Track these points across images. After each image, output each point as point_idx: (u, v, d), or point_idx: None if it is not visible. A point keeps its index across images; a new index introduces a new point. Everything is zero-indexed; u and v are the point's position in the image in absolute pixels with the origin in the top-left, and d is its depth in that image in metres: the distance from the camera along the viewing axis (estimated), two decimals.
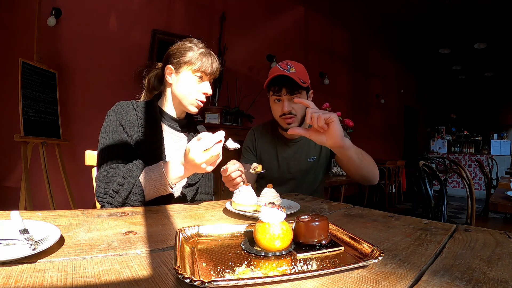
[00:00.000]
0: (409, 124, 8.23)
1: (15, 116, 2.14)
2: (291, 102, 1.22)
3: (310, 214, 0.60)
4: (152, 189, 0.87)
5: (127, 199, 0.86)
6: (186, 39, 1.09)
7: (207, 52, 1.05)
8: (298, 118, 1.24)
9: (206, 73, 1.03)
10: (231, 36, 3.80)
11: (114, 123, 0.98)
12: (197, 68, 1.02)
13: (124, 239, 0.56)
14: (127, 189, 0.85)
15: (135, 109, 1.03)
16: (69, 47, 2.74)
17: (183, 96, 1.04)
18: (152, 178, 0.86)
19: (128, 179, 0.86)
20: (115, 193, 0.86)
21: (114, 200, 0.86)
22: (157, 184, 0.86)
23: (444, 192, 1.81)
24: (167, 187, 0.87)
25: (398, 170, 4.52)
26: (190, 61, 1.02)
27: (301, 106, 1.24)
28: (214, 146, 0.79)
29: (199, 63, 1.01)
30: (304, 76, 1.23)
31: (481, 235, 0.68)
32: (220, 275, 0.44)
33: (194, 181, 1.08)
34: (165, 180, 0.86)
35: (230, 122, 3.62)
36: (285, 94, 1.21)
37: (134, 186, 0.85)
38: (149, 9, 3.21)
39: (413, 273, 0.47)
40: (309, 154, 1.34)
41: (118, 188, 0.86)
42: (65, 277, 0.40)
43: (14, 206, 2.15)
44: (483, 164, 3.61)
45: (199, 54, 1.02)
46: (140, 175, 0.87)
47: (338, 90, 5.37)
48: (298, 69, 1.22)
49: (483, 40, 6.19)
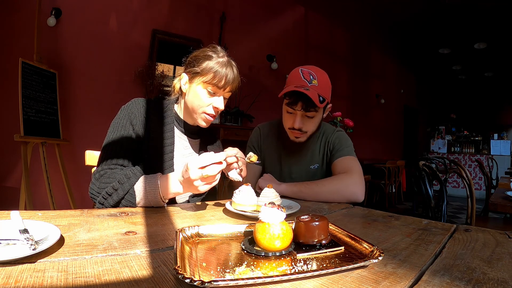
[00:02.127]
0: (409, 124, 8.23)
1: (15, 116, 2.14)
2: (304, 118, 1.15)
3: (310, 214, 0.60)
4: (143, 199, 0.85)
5: (119, 203, 0.85)
6: (209, 45, 1.01)
7: (225, 62, 0.96)
8: (307, 134, 1.19)
9: (218, 86, 0.95)
10: (231, 36, 3.80)
11: (124, 121, 0.96)
12: (208, 81, 0.95)
13: (124, 239, 0.56)
14: (120, 195, 0.84)
15: (151, 110, 1.00)
16: (69, 47, 2.74)
17: (192, 108, 1.00)
18: (146, 189, 0.84)
19: (123, 185, 0.84)
20: (107, 195, 0.85)
21: (106, 202, 0.85)
22: (149, 196, 0.84)
23: (444, 192, 1.81)
24: (159, 200, 0.84)
25: (398, 170, 4.52)
26: (202, 72, 0.95)
27: (314, 123, 1.17)
28: (211, 165, 0.76)
29: (211, 74, 0.94)
30: (325, 90, 1.13)
31: (481, 235, 0.68)
32: (220, 275, 0.44)
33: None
34: (158, 194, 0.83)
35: (230, 122, 3.62)
36: (300, 110, 1.12)
37: (127, 193, 0.84)
38: (149, 9, 3.21)
39: (413, 273, 0.47)
40: (313, 161, 1.29)
41: (111, 191, 0.84)
42: (65, 277, 0.40)
43: (14, 206, 2.15)
44: (483, 164, 3.61)
45: (214, 64, 0.95)
46: (136, 183, 0.85)
47: (338, 90, 5.37)
48: (321, 81, 1.12)
49: (483, 40, 6.18)
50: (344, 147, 1.23)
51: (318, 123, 1.19)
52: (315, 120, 1.17)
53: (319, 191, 1.09)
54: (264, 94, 3.85)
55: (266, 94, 3.86)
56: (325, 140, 1.28)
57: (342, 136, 1.27)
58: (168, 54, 3.29)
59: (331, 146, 1.26)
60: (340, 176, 1.14)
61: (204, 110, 0.98)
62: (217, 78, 0.94)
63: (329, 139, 1.27)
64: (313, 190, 1.09)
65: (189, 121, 1.06)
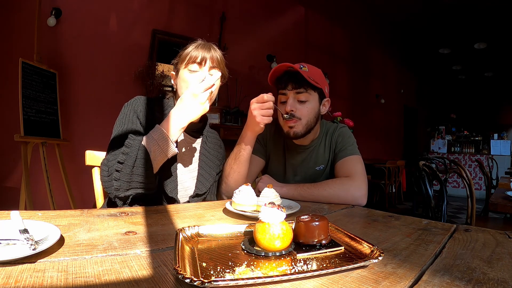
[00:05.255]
0: (409, 124, 8.23)
1: (15, 116, 2.14)
2: (296, 102, 1.11)
3: (310, 214, 0.60)
4: (157, 150, 0.85)
5: (134, 167, 0.83)
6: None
7: (201, 44, 1.01)
8: (302, 123, 1.12)
9: (197, 62, 0.97)
10: (231, 36, 3.80)
11: (130, 115, 0.96)
12: (187, 61, 0.97)
13: (124, 239, 0.56)
14: (132, 156, 0.83)
15: (153, 106, 1.01)
16: (69, 47, 2.74)
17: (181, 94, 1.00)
18: (154, 137, 0.86)
19: (131, 146, 0.84)
20: (120, 165, 0.83)
21: (121, 175, 0.83)
22: (160, 142, 0.85)
23: (444, 192, 1.81)
24: (170, 144, 0.86)
25: (398, 170, 4.53)
26: (181, 57, 0.99)
27: (307, 109, 1.11)
28: (209, 79, 0.87)
29: (188, 55, 0.97)
30: (317, 77, 1.11)
31: (481, 235, 0.68)
32: (220, 275, 0.44)
33: (202, 192, 1.06)
34: (167, 137, 0.86)
35: (230, 122, 3.62)
36: (291, 90, 1.10)
37: (139, 150, 0.84)
38: (149, 9, 3.21)
39: (413, 273, 0.47)
40: (318, 163, 1.25)
41: (123, 158, 0.83)
42: (65, 277, 0.40)
43: (14, 206, 2.15)
44: (483, 164, 3.61)
45: (191, 47, 0.98)
46: (142, 140, 0.86)
47: (338, 90, 5.37)
48: (311, 69, 1.12)
49: (483, 40, 6.19)
50: (347, 146, 1.19)
51: (312, 110, 1.13)
52: (308, 105, 1.12)
53: (319, 195, 1.06)
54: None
55: None
56: (329, 139, 1.25)
57: (345, 133, 1.24)
58: (168, 54, 3.28)
59: (334, 145, 1.23)
60: (342, 179, 1.11)
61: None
62: (194, 55, 0.97)
63: (332, 137, 1.24)
64: (313, 194, 1.07)
65: None
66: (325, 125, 1.29)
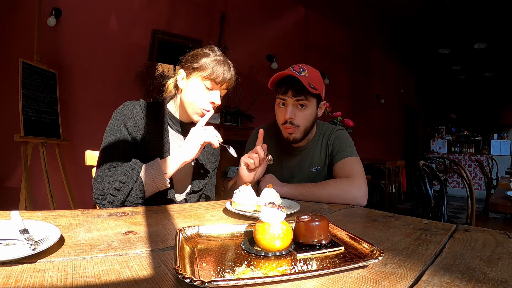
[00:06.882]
0: (409, 124, 8.23)
1: (15, 116, 2.14)
2: (295, 108, 1.13)
3: (310, 214, 0.60)
4: (152, 184, 0.89)
5: (128, 196, 0.87)
6: (207, 46, 1.04)
7: (222, 60, 1.00)
8: (301, 129, 1.15)
9: (216, 81, 0.98)
10: (231, 36, 3.80)
11: (118, 125, 0.97)
12: (206, 75, 0.97)
13: (124, 239, 0.56)
14: (128, 186, 0.87)
15: (143, 111, 1.01)
16: (69, 47, 2.74)
17: (189, 103, 1.00)
18: (152, 173, 0.89)
19: (130, 176, 0.87)
20: (116, 191, 0.87)
21: (115, 199, 0.87)
22: (156, 178, 0.89)
23: (444, 192, 1.81)
24: (165, 181, 0.90)
25: (398, 170, 4.52)
26: (201, 67, 0.98)
27: (305, 116, 1.14)
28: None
29: (210, 70, 0.97)
30: (316, 81, 1.12)
31: (481, 235, 0.68)
32: (220, 275, 0.44)
33: (198, 188, 1.07)
34: (163, 174, 0.89)
35: (230, 122, 3.62)
36: (291, 97, 1.11)
37: (135, 183, 0.87)
38: (149, 9, 3.21)
39: (413, 273, 0.47)
40: (313, 164, 1.26)
41: (120, 186, 0.87)
42: (65, 277, 0.40)
43: (14, 206, 2.15)
44: (483, 164, 3.61)
45: (212, 61, 0.98)
46: (140, 171, 0.89)
47: (338, 90, 5.37)
48: (311, 73, 1.13)
49: (483, 40, 6.19)
50: (344, 148, 1.20)
51: (310, 116, 1.16)
52: (306, 112, 1.14)
53: (320, 194, 1.08)
54: (264, 94, 3.84)
55: (266, 94, 3.86)
56: (325, 140, 1.26)
57: (342, 135, 1.25)
58: (168, 54, 3.29)
59: (331, 147, 1.24)
60: (342, 179, 1.12)
61: (202, 105, 1.00)
62: (215, 74, 0.97)
63: (329, 139, 1.25)
64: (314, 194, 1.08)
65: (184, 119, 1.07)
66: (322, 126, 1.29)
